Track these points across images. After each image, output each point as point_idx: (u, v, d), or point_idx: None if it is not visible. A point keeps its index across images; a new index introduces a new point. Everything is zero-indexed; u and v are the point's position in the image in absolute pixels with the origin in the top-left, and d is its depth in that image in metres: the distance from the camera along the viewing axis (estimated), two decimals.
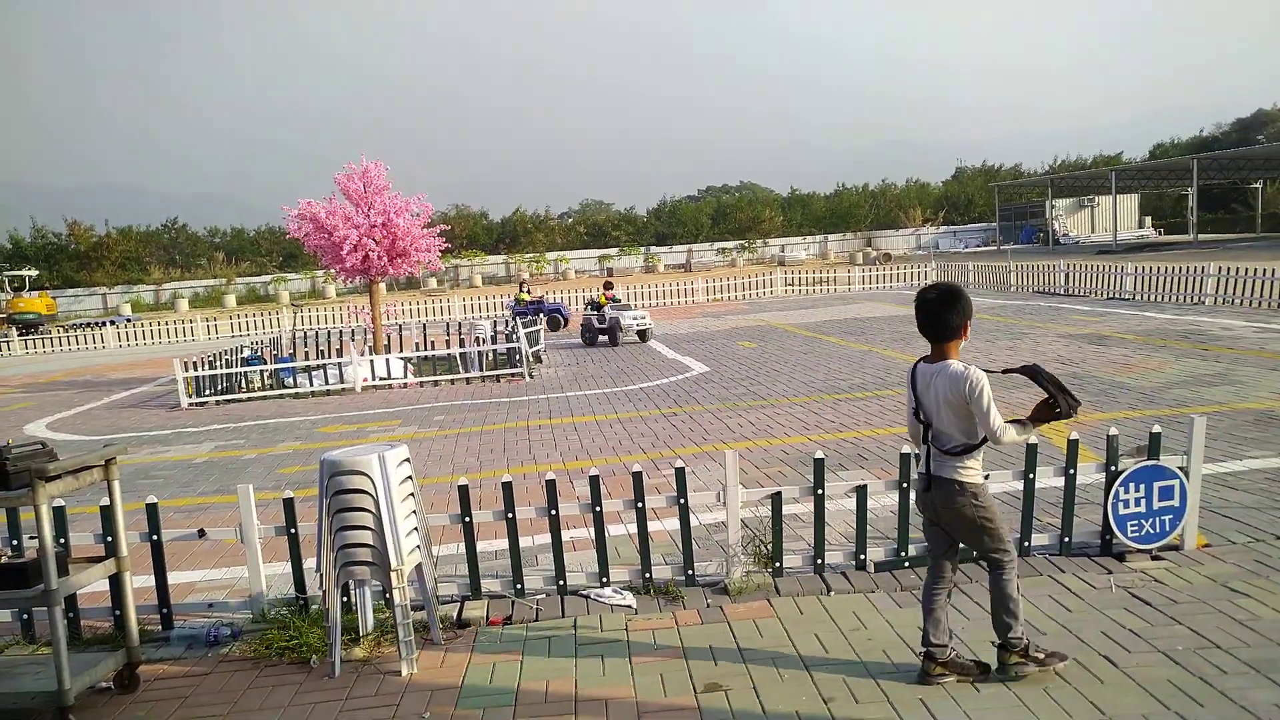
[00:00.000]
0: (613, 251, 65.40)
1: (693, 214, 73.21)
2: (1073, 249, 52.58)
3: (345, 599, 5.36)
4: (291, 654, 5.08)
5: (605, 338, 21.27)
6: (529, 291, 27.26)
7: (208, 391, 16.41)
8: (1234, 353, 13.51)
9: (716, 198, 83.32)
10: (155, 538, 5.58)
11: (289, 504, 5.60)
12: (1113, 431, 5.83)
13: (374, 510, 4.79)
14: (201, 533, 5.70)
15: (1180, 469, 5.73)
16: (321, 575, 4.93)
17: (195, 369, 16.43)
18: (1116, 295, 23.96)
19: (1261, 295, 19.66)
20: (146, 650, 5.26)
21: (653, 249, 66.36)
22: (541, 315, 26.16)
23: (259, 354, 19.08)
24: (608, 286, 23.29)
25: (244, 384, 17.21)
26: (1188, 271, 21.98)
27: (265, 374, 17.57)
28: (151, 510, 5.60)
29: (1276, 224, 53.71)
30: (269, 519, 5.84)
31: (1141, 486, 5.72)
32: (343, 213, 17.74)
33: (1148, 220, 67.78)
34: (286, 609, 5.45)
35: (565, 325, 27.35)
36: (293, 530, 5.60)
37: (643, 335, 21.10)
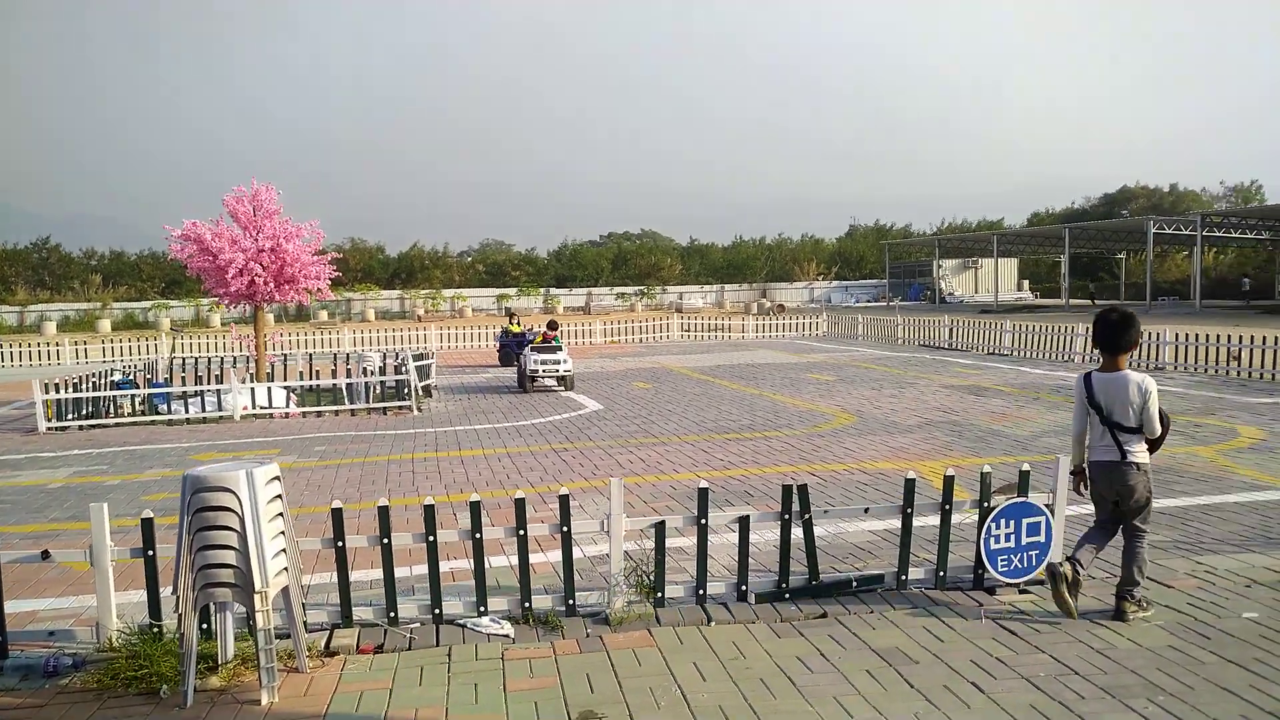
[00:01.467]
0: (511, 291, 65.15)
1: (593, 258, 73.78)
2: (957, 307, 54.98)
3: (204, 626, 5.05)
4: (140, 684, 4.74)
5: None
6: (518, 323, 26.02)
7: (70, 416, 15.46)
8: None
9: (618, 243, 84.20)
10: None
11: (147, 524, 5.26)
12: (985, 469, 6.03)
13: (239, 529, 4.54)
14: (45, 554, 5.29)
15: (1046, 506, 5.96)
16: (179, 598, 4.64)
17: (57, 391, 15.47)
18: (996, 351, 25.10)
19: None
20: None
21: (552, 290, 66.45)
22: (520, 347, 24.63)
23: (131, 378, 18.11)
24: (551, 327, 20.61)
25: (112, 409, 16.28)
26: (1059, 331, 23.22)
27: (137, 399, 16.68)
28: None
29: (1138, 292, 57.39)
30: (127, 544, 5.46)
31: (1011, 523, 5.91)
32: (229, 235, 17.13)
33: (1025, 283, 71.53)
34: (138, 637, 5.10)
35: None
36: (150, 552, 5.26)
37: (563, 381, 18.61)
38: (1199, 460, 9.92)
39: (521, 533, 5.58)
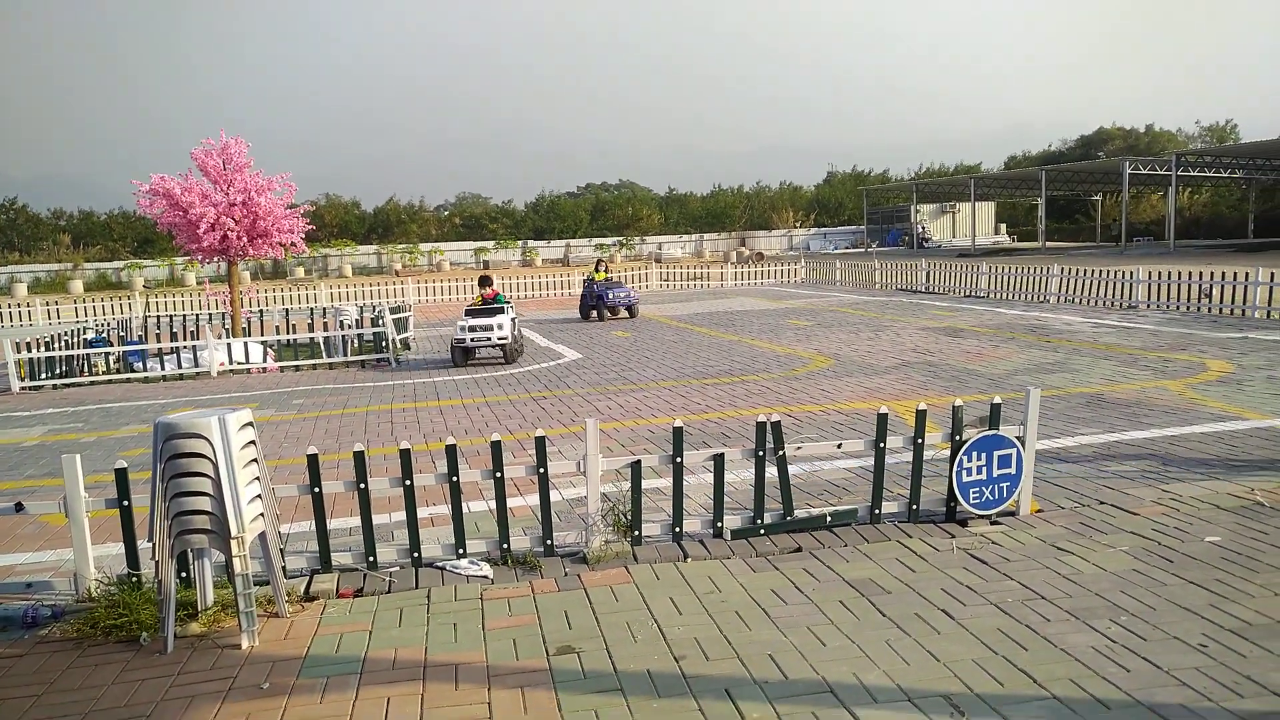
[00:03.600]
0: (489, 244, 64.68)
1: (572, 210, 73.18)
2: (935, 251, 55.07)
3: (184, 574, 5.07)
4: (120, 632, 4.77)
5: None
6: (605, 269, 24.46)
7: (44, 375, 15.31)
8: (1071, 344, 14.41)
9: (596, 194, 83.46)
10: None
11: (121, 474, 5.25)
12: (958, 403, 6.10)
13: (213, 475, 4.54)
14: (19, 506, 5.28)
15: (1017, 438, 6.04)
16: (155, 546, 4.64)
17: (29, 350, 15.29)
18: (972, 293, 25.23)
19: (1096, 295, 21.10)
20: None
21: (530, 243, 65.96)
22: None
23: (104, 336, 17.93)
24: (484, 284, 17.01)
25: (86, 368, 16.14)
26: (1034, 272, 23.35)
27: (111, 358, 16.53)
28: None
29: (1114, 233, 57.68)
30: (103, 497, 5.44)
31: (983, 455, 6.00)
32: (199, 189, 16.88)
33: (1003, 227, 71.64)
34: (116, 587, 5.11)
35: (627, 314, 23.12)
36: (125, 503, 5.25)
37: (505, 351, 15.33)
38: (1168, 394, 10.07)
39: (499, 475, 5.60)
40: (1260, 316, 17.16)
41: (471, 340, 15.21)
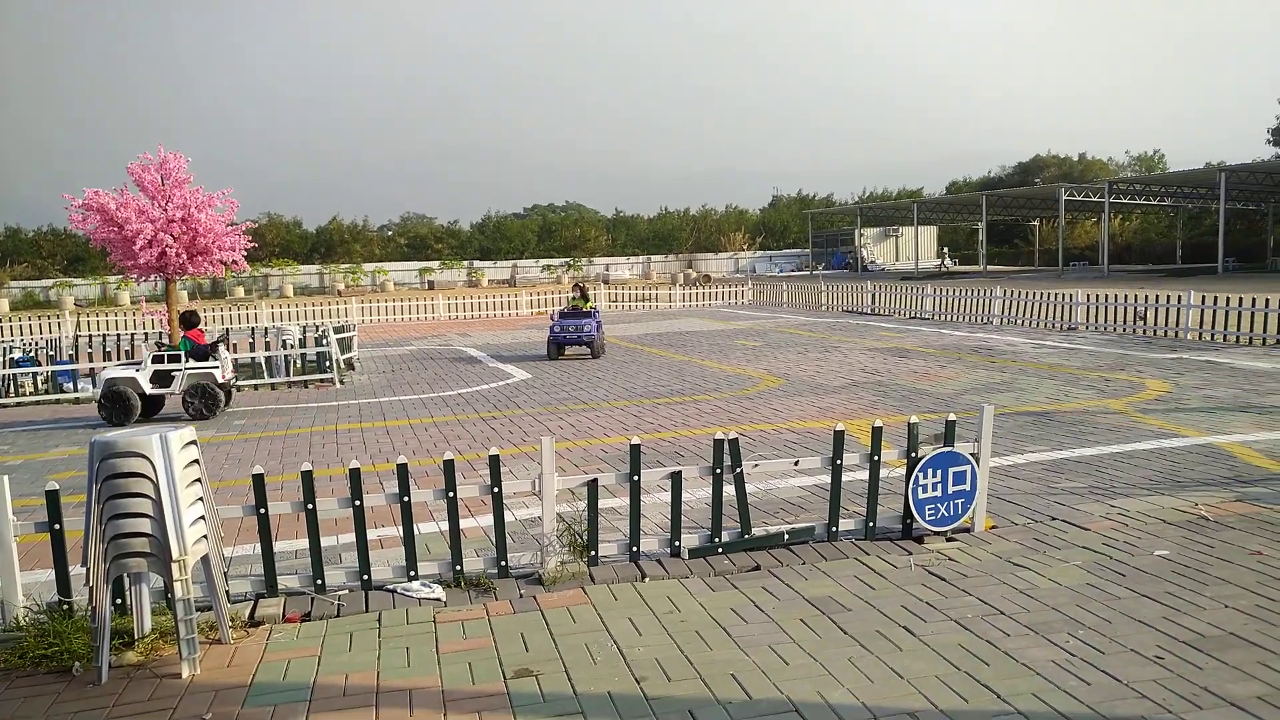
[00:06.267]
0: (434, 264, 64.13)
1: (518, 230, 73.00)
2: (879, 274, 55.97)
3: (120, 600, 4.84)
4: (50, 662, 4.52)
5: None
6: (586, 297, 20.04)
7: None
8: (1016, 364, 14.68)
9: (543, 215, 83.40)
10: None
11: (53, 496, 4.99)
12: (913, 420, 6.13)
13: (153, 496, 4.34)
14: None
15: (972, 454, 6.09)
16: (89, 570, 4.41)
17: None
18: (917, 315, 25.65)
19: (1038, 316, 21.60)
20: None
21: (476, 263, 65.57)
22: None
23: (32, 356, 17.27)
24: (187, 324, 13.61)
25: (13, 388, 15.52)
26: (978, 294, 23.83)
27: (40, 378, 15.92)
28: None
29: (1051, 258, 59.27)
30: (32, 521, 5.18)
31: (938, 472, 6.03)
32: (136, 205, 16.39)
33: (945, 251, 73.20)
34: (46, 615, 4.85)
35: (590, 351, 18.47)
36: (57, 526, 4.99)
37: (201, 399, 12.49)
38: (1110, 412, 10.28)
39: (451, 495, 5.47)
40: (1192, 338, 17.70)
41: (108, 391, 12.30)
